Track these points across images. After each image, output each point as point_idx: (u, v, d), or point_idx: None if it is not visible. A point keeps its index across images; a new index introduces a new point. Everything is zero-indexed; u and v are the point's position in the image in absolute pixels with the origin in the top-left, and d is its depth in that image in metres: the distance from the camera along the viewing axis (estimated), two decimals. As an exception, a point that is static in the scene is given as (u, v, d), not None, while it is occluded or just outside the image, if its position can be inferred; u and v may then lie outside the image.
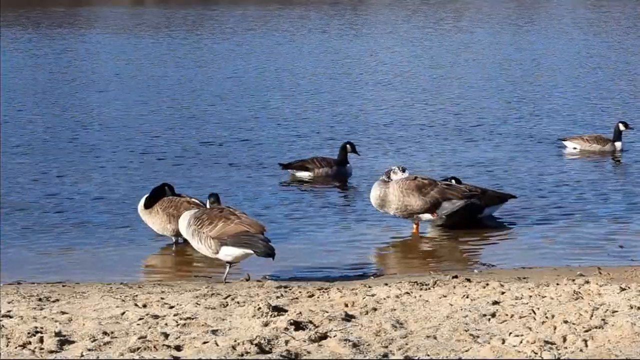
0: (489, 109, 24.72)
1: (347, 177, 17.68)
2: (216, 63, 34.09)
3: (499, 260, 12.97)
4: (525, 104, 25.44)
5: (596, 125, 22.48)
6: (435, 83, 29.47)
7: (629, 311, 9.13)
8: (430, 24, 49.17)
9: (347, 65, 33.55)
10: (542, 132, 21.78)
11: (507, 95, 26.97)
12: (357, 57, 35.71)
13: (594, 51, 37.49)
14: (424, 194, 14.02)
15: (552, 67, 33.05)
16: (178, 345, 8.20)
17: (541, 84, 29.03)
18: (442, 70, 32.35)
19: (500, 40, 41.57)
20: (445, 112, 24.15)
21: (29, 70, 31.85)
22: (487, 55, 36.52)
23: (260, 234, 11.48)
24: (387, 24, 49.97)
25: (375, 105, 25.35)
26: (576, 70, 32.26)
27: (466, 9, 58.69)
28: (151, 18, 52.95)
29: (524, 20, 51.69)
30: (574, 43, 40.58)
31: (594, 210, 15.44)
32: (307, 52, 37.36)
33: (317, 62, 34.39)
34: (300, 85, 28.84)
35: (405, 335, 8.46)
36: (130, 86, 28.61)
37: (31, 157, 18.95)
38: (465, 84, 29.20)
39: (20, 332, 8.46)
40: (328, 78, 30.31)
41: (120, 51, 37.42)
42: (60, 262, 12.86)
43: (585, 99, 26.26)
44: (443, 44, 40.11)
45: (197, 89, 28.09)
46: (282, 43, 40.06)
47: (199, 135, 21.30)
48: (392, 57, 36.05)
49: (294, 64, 33.59)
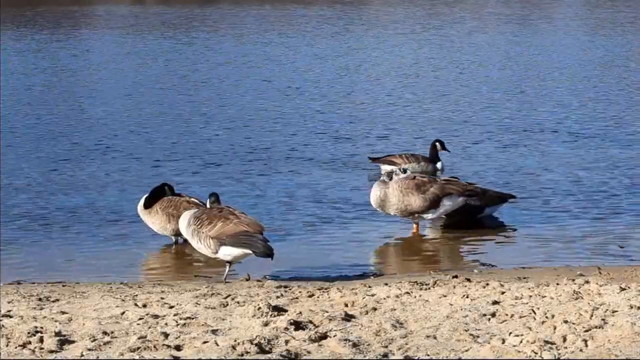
0: (497, 106, 24.74)
1: (436, 175, 17.64)
2: (227, 64, 34.09)
3: (499, 260, 12.97)
4: (530, 99, 25.47)
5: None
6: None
7: (629, 311, 9.13)
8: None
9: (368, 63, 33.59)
10: (542, 132, 21.79)
11: (516, 91, 26.99)
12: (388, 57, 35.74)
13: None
14: (424, 191, 14.02)
15: (559, 64, 33.07)
16: (178, 345, 8.20)
17: (547, 81, 29.05)
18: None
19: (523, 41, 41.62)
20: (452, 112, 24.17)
21: (29, 70, 31.84)
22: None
23: (259, 234, 11.48)
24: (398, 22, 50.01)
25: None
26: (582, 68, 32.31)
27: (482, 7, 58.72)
28: (170, 17, 52.94)
29: (535, 17, 51.74)
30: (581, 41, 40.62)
31: (594, 210, 15.44)
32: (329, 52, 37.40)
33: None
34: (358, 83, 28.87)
35: (405, 335, 8.46)
36: (133, 86, 28.62)
37: (31, 157, 18.94)
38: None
39: (20, 332, 8.46)
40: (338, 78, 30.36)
41: (139, 50, 37.46)
42: (60, 262, 12.86)
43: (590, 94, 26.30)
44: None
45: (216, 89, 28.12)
46: (300, 45, 40.04)
47: (202, 133, 21.32)
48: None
49: (315, 64, 33.62)
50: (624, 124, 22.51)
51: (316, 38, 42.31)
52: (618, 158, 19.09)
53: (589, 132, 21.40)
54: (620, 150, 19.83)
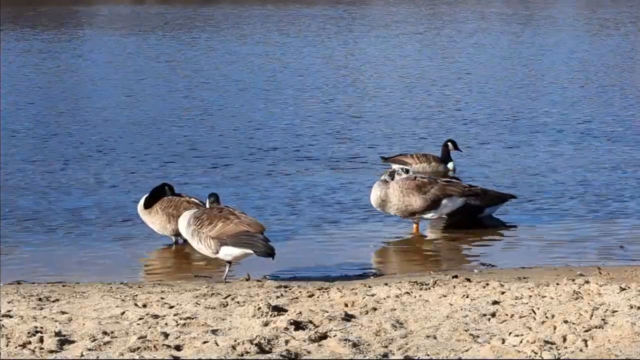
0: (500, 107, 24.74)
1: (448, 175, 17.65)
2: (231, 64, 34.10)
3: (499, 260, 12.97)
4: (534, 99, 25.48)
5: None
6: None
7: (629, 311, 9.13)
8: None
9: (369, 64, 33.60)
10: (542, 130, 21.80)
11: (516, 92, 27.00)
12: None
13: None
14: (424, 192, 14.02)
15: (556, 66, 33.07)
16: (178, 345, 8.20)
17: (549, 80, 29.06)
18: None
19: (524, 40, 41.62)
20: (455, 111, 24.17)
21: (28, 70, 31.85)
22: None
23: (260, 234, 11.48)
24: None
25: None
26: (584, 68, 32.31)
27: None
28: (174, 17, 52.95)
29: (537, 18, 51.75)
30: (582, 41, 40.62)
31: (595, 210, 15.45)
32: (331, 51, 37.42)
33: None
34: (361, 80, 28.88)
35: (405, 335, 8.46)
36: (135, 86, 28.63)
37: (31, 157, 18.94)
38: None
39: (20, 332, 8.46)
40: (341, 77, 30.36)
41: (150, 49, 37.47)
42: (60, 262, 12.86)
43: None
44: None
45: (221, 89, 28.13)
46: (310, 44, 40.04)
47: (204, 132, 21.34)
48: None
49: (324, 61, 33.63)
50: (626, 123, 22.53)
51: (318, 38, 42.31)
52: (621, 158, 19.09)
53: (593, 132, 21.39)
54: (623, 151, 19.85)
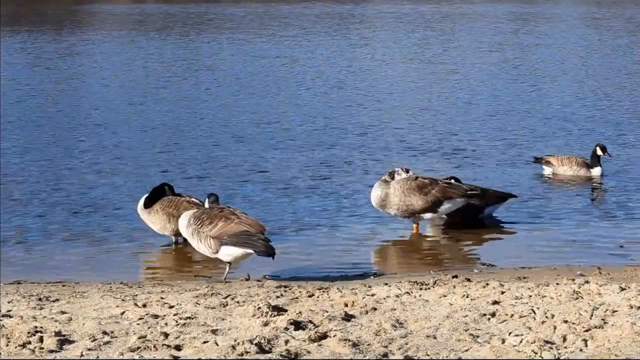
0: (499, 108, 24.75)
1: (591, 179, 17.49)
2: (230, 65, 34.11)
3: (499, 260, 12.97)
4: (536, 99, 25.48)
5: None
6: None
7: (629, 311, 9.13)
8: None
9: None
10: (542, 130, 21.80)
11: (513, 93, 27.01)
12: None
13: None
14: (425, 193, 14.03)
15: (557, 70, 33.08)
16: (178, 345, 8.20)
17: (550, 80, 29.06)
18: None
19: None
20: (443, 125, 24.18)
21: (28, 69, 31.84)
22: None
23: (260, 234, 11.47)
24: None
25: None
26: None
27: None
28: (173, 17, 52.95)
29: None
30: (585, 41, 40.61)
31: (595, 210, 15.44)
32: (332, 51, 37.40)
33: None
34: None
35: (405, 335, 8.46)
36: (136, 86, 28.63)
37: (31, 157, 18.94)
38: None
39: (20, 332, 8.46)
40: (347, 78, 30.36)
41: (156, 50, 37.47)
42: (60, 262, 12.86)
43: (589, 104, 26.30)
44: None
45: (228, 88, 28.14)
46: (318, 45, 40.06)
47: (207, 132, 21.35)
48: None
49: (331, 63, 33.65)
50: (629, 123, 22.54)
51: (319, 38, 42.30)
52: (621, 158, 19.08)
53: (594, 132, 21.40)
54: (624, 151, 19.83)
